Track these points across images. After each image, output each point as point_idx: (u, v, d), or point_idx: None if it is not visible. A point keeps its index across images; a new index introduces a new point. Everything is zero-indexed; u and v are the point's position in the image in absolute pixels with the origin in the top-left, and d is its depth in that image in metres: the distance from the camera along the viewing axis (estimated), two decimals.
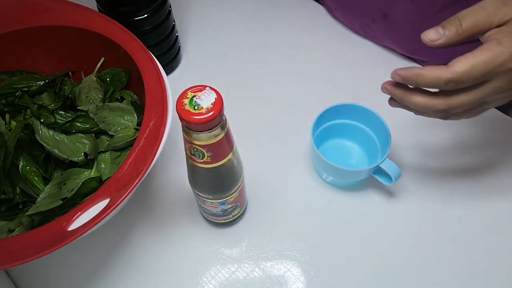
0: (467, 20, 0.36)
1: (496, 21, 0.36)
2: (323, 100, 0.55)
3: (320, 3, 0.74)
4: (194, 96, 0.35)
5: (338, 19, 0.71)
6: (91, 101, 0.53)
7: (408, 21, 0.61)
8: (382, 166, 0.50)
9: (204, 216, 0.53)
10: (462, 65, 0.35)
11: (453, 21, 0.36)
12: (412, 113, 0.62)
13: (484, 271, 0.50)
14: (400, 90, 0.39)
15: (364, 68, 0.66)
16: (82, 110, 0.52)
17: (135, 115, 0.52)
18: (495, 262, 0.51)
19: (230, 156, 0.40)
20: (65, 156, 0.49)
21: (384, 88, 0.40)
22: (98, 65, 0.55)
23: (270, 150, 0.59)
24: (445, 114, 0.39)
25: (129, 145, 0.51)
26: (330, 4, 0.70)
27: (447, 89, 0.37)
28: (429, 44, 0.37)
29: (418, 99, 0.38)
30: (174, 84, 0.48)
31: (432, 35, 0.36)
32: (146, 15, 0.56)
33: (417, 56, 0.65)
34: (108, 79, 0.55)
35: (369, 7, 0.63)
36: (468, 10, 0.36)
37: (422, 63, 0.66)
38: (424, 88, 0.38)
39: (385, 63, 0.66)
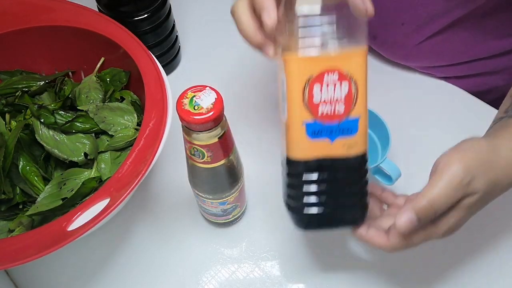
0: (439, 206, 0.36)
1: (460, 198, 0.37)
2: None
3: None
4: (194, 96, 0.35)
5: None
6: (91, 101, 0.53)
7: (398, 42, 0.63)
8: (382, 166, 0.50)
9: (204, 216, 0.53)
10: (394, 247, 0.38)
11: (427, 214, 0.36)
12: (412, 114, 0.62)
13: (484, 270, 0.50)
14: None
15: None
16: (82, 110, 0.52)
17: (135, 115, 0.52)
18: (496, 261, 0.51)
19: (230, 156, 0.41)
20: (65, 156, 0.49)
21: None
22: (98, 65, 0.55)
23: (271, 150, 0.59)
24: None
25: (129, 145, 0.51)
26: None
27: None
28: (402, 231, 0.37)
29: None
30: (174, 84, 0.48)
31: (405, 226, 0.36)
32: (146, 15, 0.56)
33: (408, 64, 0.66)
34: (108, 79, 0.55)
35: None
36: (436, 192, 0.36)
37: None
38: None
39: (384, 64, 0.66)
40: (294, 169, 0.38)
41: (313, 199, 0.38)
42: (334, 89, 0.36)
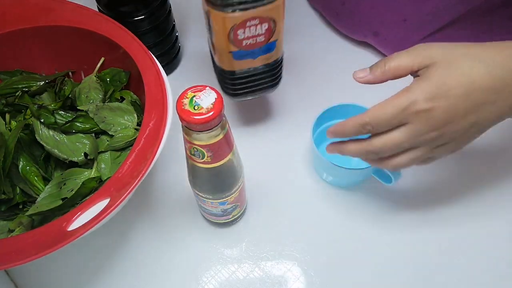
0: (391, 63, 0.39)
1: (416, 66, 0.39)
2: (323, 101, 0.55)
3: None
4: (194, 96, 0.35)
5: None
6: (91, 101, 0.53)
7: (399, 39, 0.63)
8: None
9: (204, 216, 0.53)
10: (374, 109, 0.39)
11: (380, 63, 0.40)
12: None
13: (485, 272, 0.50)
14: (338, 146, 0.44)
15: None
16: (82, 110, 0.52)
17: (135, 115, 0.52)
18: (497, 264, 0.51)
19: (230, 156, 0.41)
20: (65, 156, 0.49)
21: (327, 150, 0.46)
22: (98, 65, 0.55)
23: (270, 150, 0.59)
24: (378, 156, 0.41)
25: (129, 145, 0.51)
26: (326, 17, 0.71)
27: (369, 133, 0.40)
28: (358, 81, 0.41)
29: (351, 147, 0.43)
30: (174, 84, 0.48)
31: (360, 74, 0.41)
32: (146, 15, 0.56)
33: None
34: (108, 79, 0.55)
35: (359, 26, 0.66)
36: (396, 54, 0.40)
37: None
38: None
39: None
40: (226, 73, 0.49)
41: (242, 86, 0.51)
42: (256, 29, 0.44)
